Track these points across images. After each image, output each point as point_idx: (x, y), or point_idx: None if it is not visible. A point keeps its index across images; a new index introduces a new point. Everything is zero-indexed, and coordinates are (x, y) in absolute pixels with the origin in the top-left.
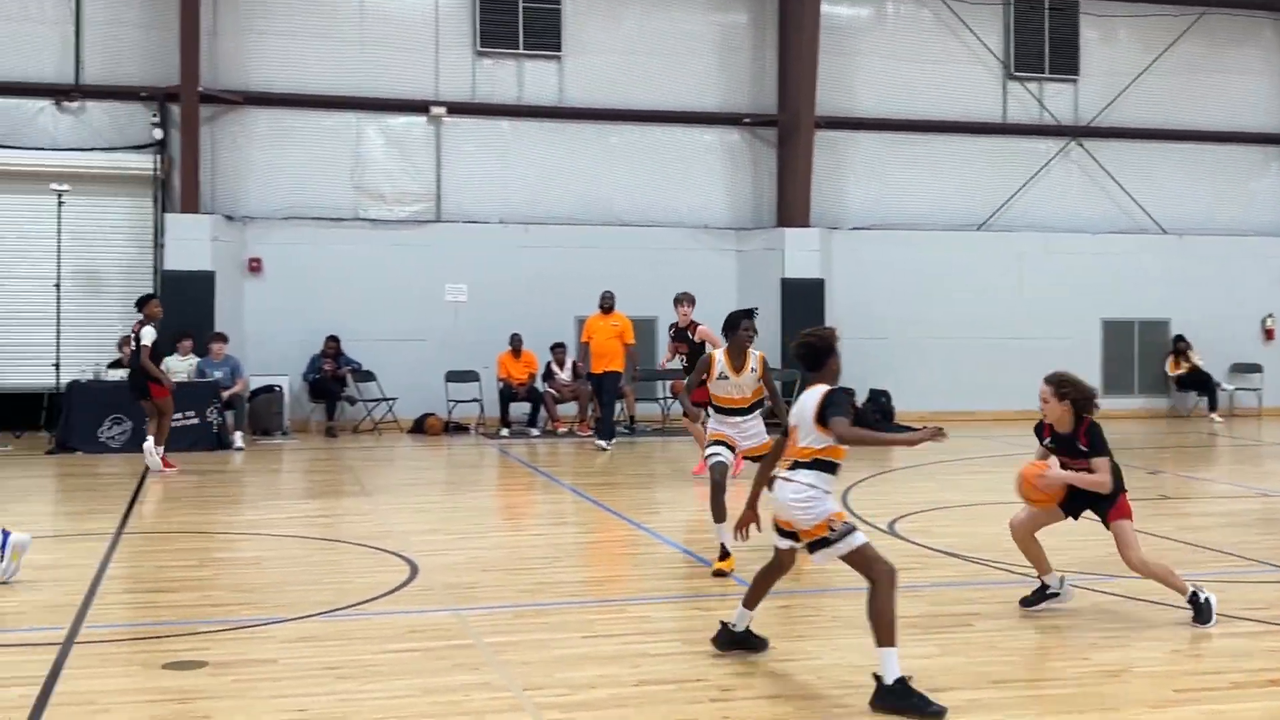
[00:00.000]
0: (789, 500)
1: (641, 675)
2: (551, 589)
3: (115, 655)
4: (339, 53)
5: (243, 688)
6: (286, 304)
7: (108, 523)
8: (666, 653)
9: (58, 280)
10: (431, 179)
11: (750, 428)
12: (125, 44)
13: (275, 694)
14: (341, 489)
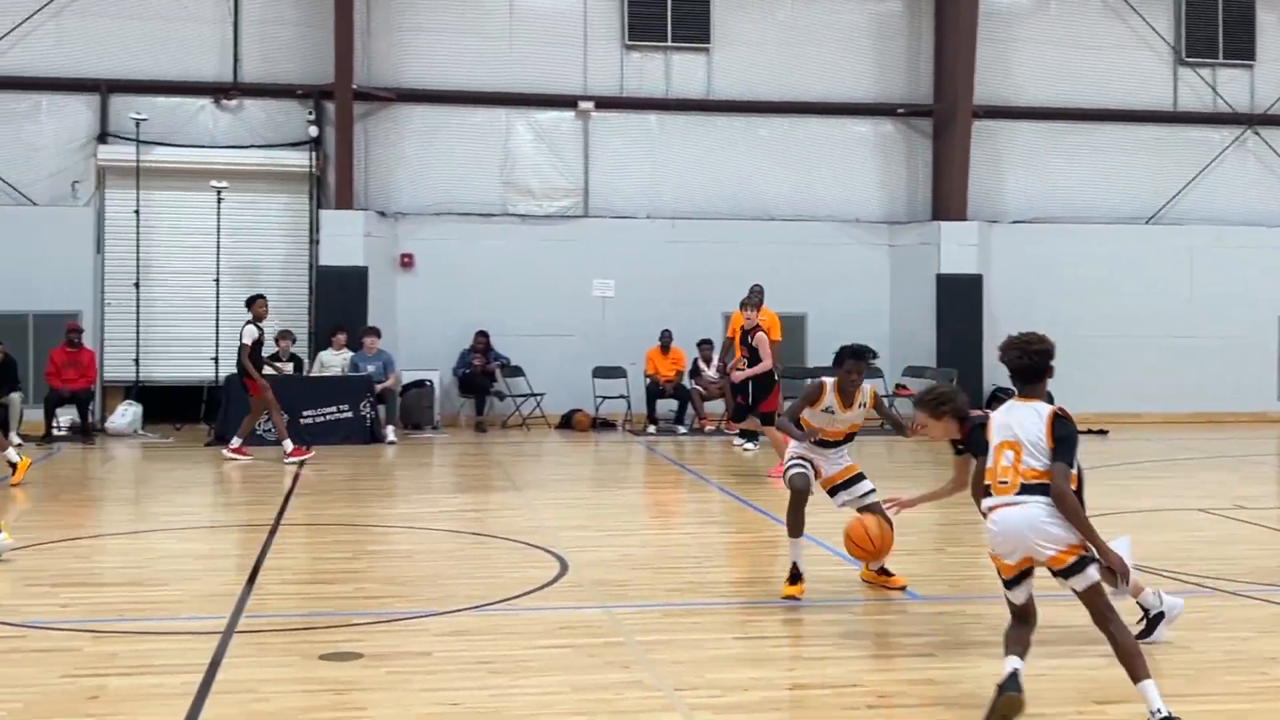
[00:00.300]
0: (1040, 523)
1: (795, 679)
2: (702, 588)
3: (273, 645)
4: (489, 49)
5: (397, 680)
6: (437, 299)
7: (264, 514)
8: (820, 656)
9: (217, 275)
10: (579, 174)
11: (839, 456)
12: (282, 43)
13: (429, 687)
14: (491, 484)
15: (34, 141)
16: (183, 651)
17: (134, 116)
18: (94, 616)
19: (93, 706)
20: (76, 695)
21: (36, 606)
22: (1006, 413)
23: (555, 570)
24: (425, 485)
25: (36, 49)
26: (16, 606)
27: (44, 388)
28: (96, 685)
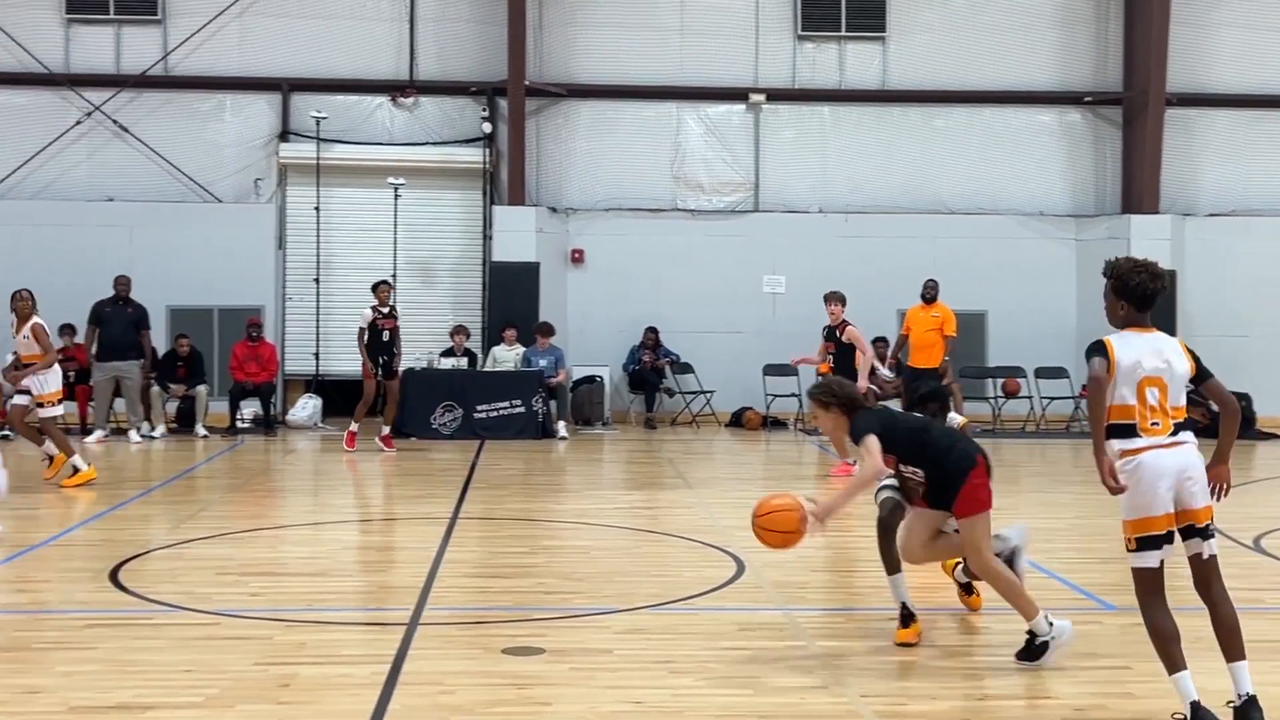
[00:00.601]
0: (1199, 468)
1: (985, 689)
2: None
3: (457, 638)
4: (659, 42)
5: (579, 676)
6: (607, 295)
7: (442, 507)
8: (1010, 667)
9: (394, 271)
10: (750, 168)
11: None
12: (456, 40)
13: (611, 684)
14: (662, 481)
15: (218, 140)
16: (369, 642)
17: (314, 115)
18: (282, 606)
19: (285, 694)
20: (269, 683)
21: (227, 595)
22: (1139, 345)
23: (732, 570)
24: (597, 481)
25: (221, 49)
26: (209, 595)
27: (228, 381)
28: (288, 673)
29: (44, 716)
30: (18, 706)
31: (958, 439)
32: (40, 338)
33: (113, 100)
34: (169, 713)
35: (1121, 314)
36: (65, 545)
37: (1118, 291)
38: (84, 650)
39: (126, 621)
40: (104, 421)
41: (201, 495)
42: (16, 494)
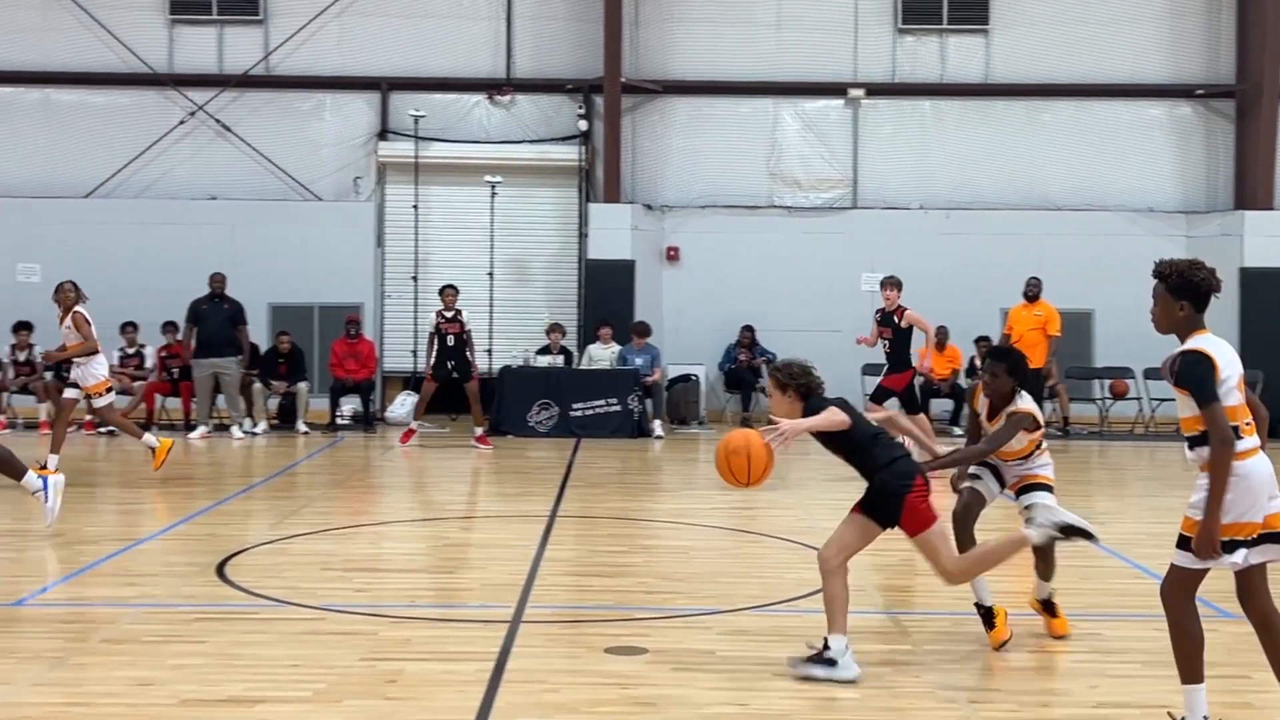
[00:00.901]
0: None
1: (1099, 696)
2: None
3: (559, 636)
4: (756, 37)
5: (683, 677)
6: (702, 293)
7: (540, 505)
8: (1125, 674)
9: (490, 269)
10: (848, 164)
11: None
12: (552, 38)
13: (715, 686)
14: None
15: (318, 139)
16: (473, 639)
17: (412, 113)
18: (386, 601)
19: (392, 690)
20: (375, 678)
21: (332, 591)
22: (1221, 346)
23: None
24: (693, 481)
25: (321, 49)
26: (314, 590)
27: (328, 378)
28: (394, 669)
29: (156, 709)
30: (131, 699)
31: (898, 455)
32: (81, 326)
33: (215, 100)
34: (278, 707)
35: (1181, 314)
36: (171, 539)
37: (1179, 290)
38: (193, 644)
39: (234, 615)
40: (206, 417)
41: (303, 491)
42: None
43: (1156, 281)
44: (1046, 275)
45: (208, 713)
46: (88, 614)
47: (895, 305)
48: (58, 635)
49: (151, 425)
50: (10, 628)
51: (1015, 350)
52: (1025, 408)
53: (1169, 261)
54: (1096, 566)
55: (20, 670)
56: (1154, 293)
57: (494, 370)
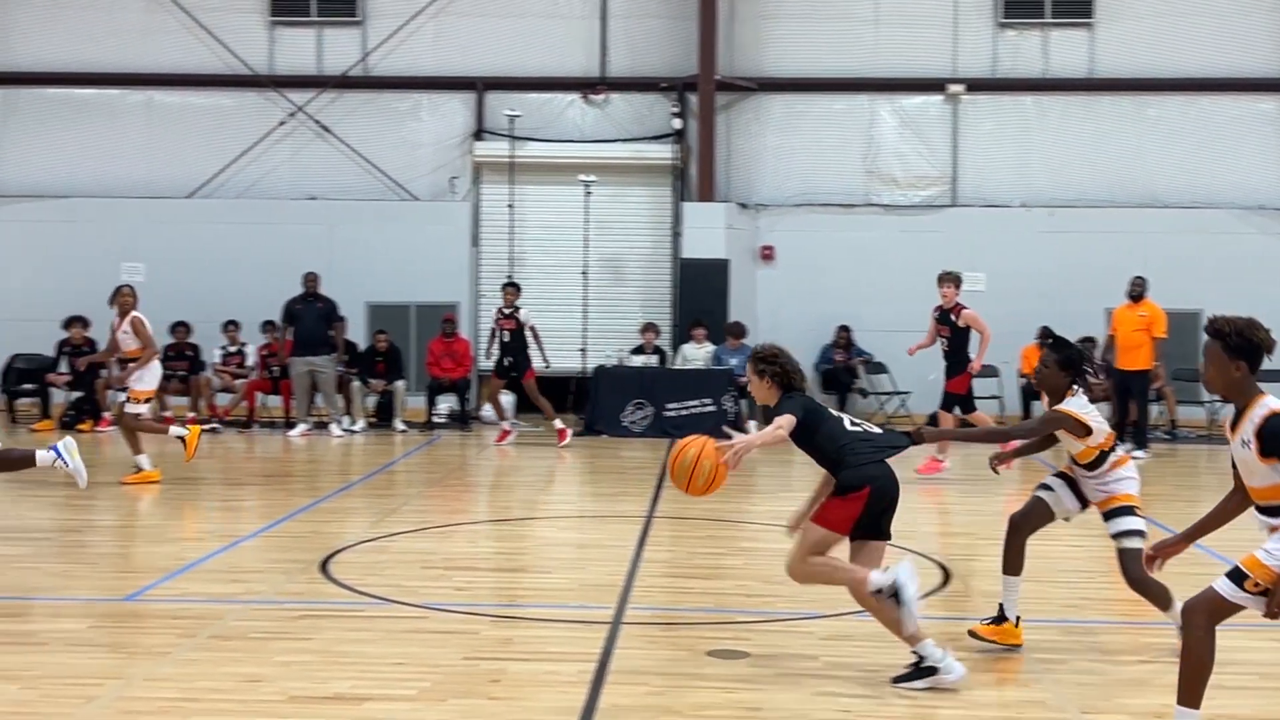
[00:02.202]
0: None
1: (1213, 709)
2: (1097, 605)
3: (660, 638)
4: (852, 33)
5: (786, 681)
6: (798, 292)
7: (636, 505)
8: (1240, 685)
9: (584, 268)
10: (947, 161)
11: (1102, 481)
12: (647, 36)
13: (819, 691)
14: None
15: (415, 139)
16: (574, 640)
17: (508, 113)
18: (487, 601)
19: (495, 689)
20: (479, 678)
21: (433, 589)
22: None
23: (938, 578)
24: (789, 482)
25: (417, 50)
26: (415, 588)
27: (425, 376)
28: (497, 669)
29: (265, 705)
30: (240, 695)
31: (867, 461)
32: (140, 331)
33: (314, 101)
34: (383, 705)
35: (1237, 375)
36: (274, 537)
37: (1238, 350)
38: (300, 640)
39: (338, 613)
40: (305, 415)
41: (401, 489)
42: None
43: (1210, 340)
44: (1152, 274)
45: (315, 709)
46: (194, 610)
47: (953, 303)
48: (166, 631)
49: (252, 423)
50: (120, 623)
51: (1072, 345)
52: (1065, 408)
53: (1227, 319)
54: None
55: (131, 665)
56: (1207, 351)
57: (588, 369)
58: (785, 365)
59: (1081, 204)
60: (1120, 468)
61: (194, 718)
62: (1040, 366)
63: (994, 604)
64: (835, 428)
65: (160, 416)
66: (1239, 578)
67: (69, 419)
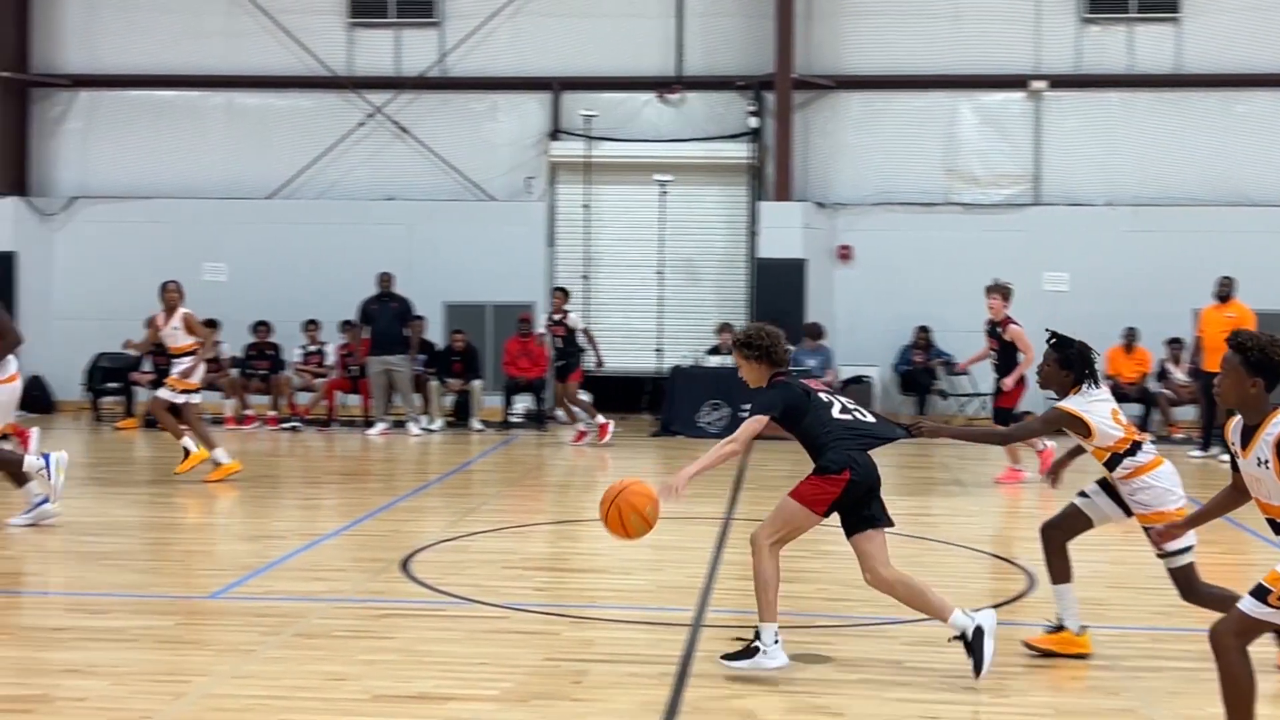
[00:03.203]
0: None
1: None
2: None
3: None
4: (932, 29)
5: (872, 687)
6: (876, 293)
7: (714, 507)
8: None
9: (660, 268)
10: (1029, 159)
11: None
12: (723, 35)
13: (905, 697)
14: (937, 486)
15: (492, 139)
16: (655, 642)
17: (584, 113)
18: (567, 601)
19: (577, 691)
20: (561, 678)
21: (513, 589)
22: None
23: (1023, 584)
24: None
25: (494, 50)
26: (496, 588)
27: (501, 376)
28: (579, 670)
29: (349, 703)
30: (325, 693)
31: (851, 447)
32: (196, 327)
33: (392, 102)
34: (467, 704)
35: (1253, 391)
36: (355, 535)
37: (1257, 367)
38: (382, 639)
39: (420, 612)
40: (383, 414)
41: (479, 489)
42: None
43: (1231, 352)
44: (1240, 274)
45: (399, 708)
46: (279, 608)
47: (1001, 315)
48: (251, 629)
49: (331, 422)
50: (206, 620)
51: (1075, 342)
52: (1063, 404)
53: (1251, 334)
54: None
55: (218, 662)
56: (1225, 362)
57: (664, 370)
58: (766, 343)
59: (1167, 202)
60: (1146, 474)
61: (280, 715)
62: (1043, 365)
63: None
64: (821, 415)
65: (242, 415)
66: (1263, 594)
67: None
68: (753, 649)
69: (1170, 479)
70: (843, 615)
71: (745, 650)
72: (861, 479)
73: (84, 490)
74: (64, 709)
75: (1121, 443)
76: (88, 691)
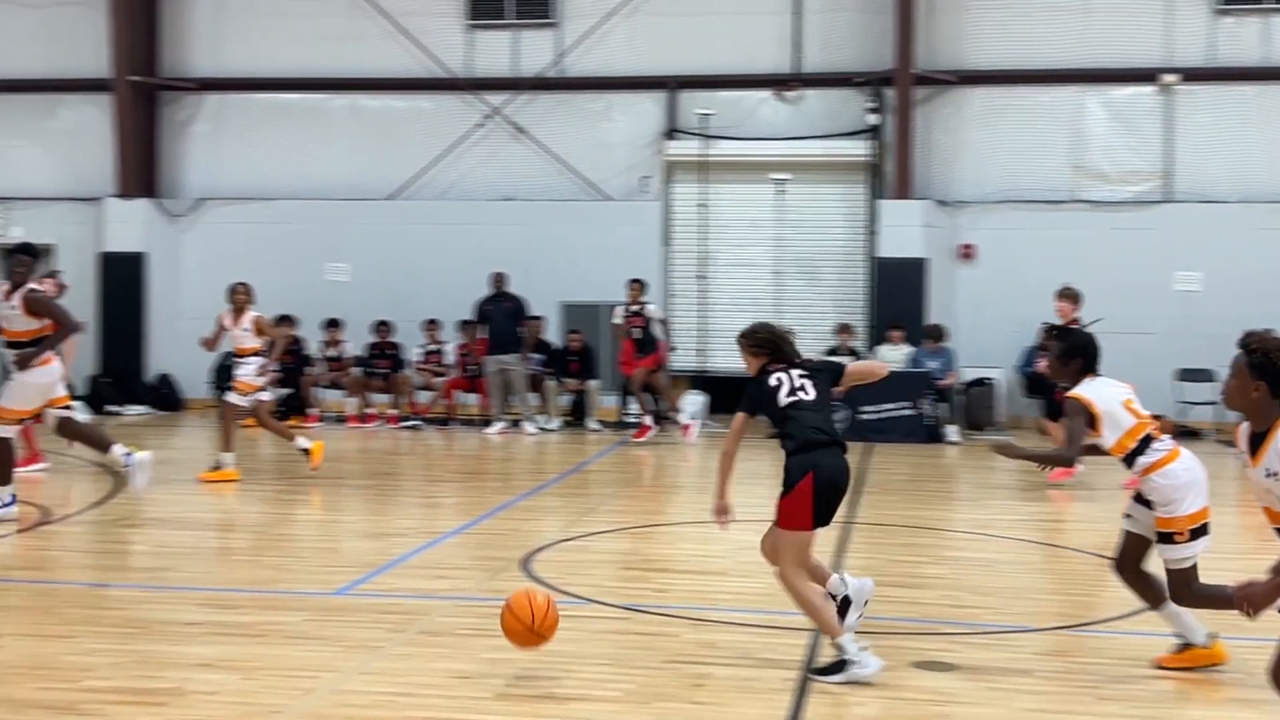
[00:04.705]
0: None
1: None
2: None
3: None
4: (1058, 22)
5: (998, 696)
6: (999, 292)
7: None
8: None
9: (776, 268)
10: (1160, 155)
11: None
12: (841, 30)
13: (1033, 707)
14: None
15: (608, 139)
16: (777, 646)
17: (700, 112)
18: (688, 603)
19: (699, 694)
20: (682, 681)
21: (633, 590)
22: None
23: None
24: (991, 489)
25: (610, 50)
26: (616, 589)
27: (617, 376)
28: (700, 673)
29: (474, 702)
30: (450, 691)
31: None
32: (267, 329)
33: (510, 102)
34: (590, 705)
35: (1255, 395)
36: (475, 534)
37: (1260, 370)
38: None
39: None
40: (500, 414)
41: (597, 489)
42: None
43: (1240, 353)
44: None
45: (523, 707)
46: (403, 605)
47: (1070, 318)
48: (376, 625)
49: (451, 421)
50: (332, 616)
51: (1074, 330)
52: (1076, 393)
53: (1259, 336)
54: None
55: (345, 659)
56: (1233, 364)
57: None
58: (764, 337)
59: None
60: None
61: (407, 712)
62: (1050, 359)
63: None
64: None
65: (364, 413)
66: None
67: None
68: (842, 662)
69: (1182, 476)
70: (968, 622)
71: (836, 664)
72: (824, 477)
73: (210, 487)
74: (196, 702)
75: (1131, 435)
76: (219, 685)
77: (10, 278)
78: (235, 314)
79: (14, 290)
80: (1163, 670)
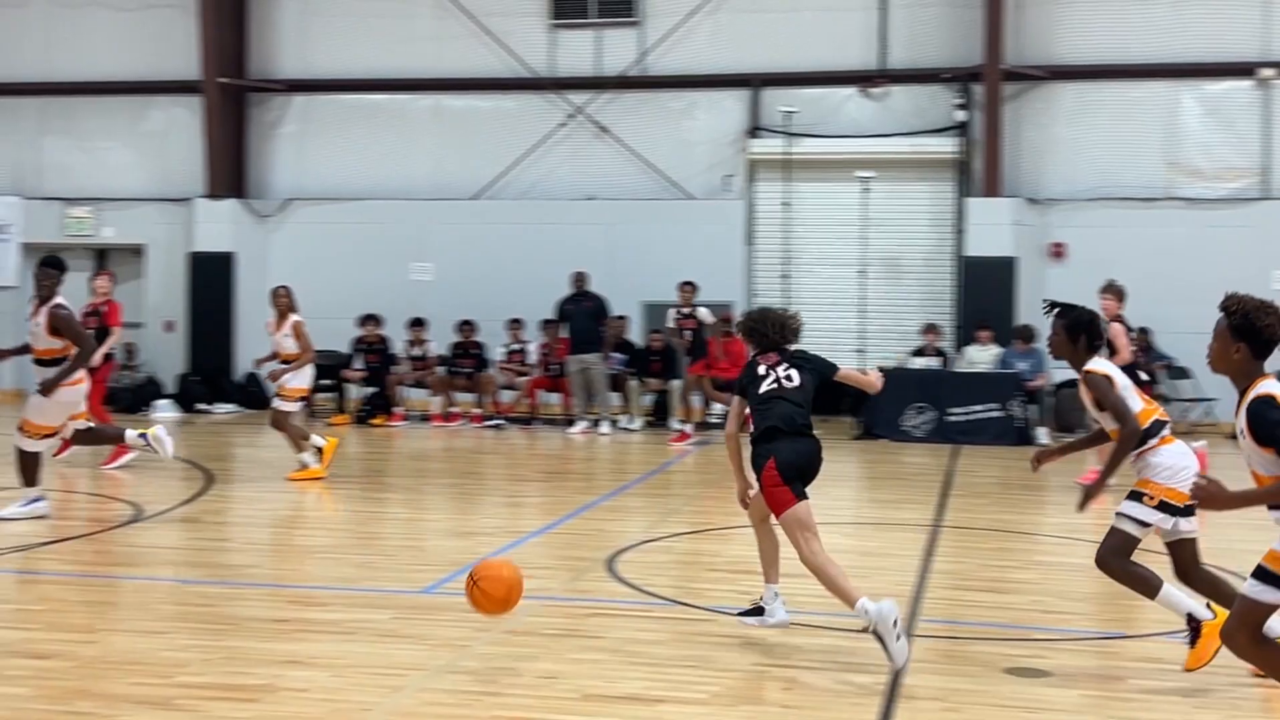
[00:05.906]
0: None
1: None
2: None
3: (954, 653)
4: (1151, 15)
5: (1092, 703)
6: (1091, 292)
7: (920, 513)
8: None
9: (862, 266)
10: (1257, 151)
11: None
12: (928, 26)
13: (1129, 715)
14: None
15: (690, 138)
16: (864, 650)
17: (784, 109)
18: None
19: (787, 698)
20: (769, 685)
21: (719, 592)
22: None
23: None
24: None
25: (693, 48)
26: (701, 590)
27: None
28: (788, 677)
29: (561, 702)
30: (538, 691)
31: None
32: (301, 335)
33: (593, 101)
34: (677, 708)
35: (1237, 357)
36: (559, 534)
37: (1240, 331)
38: (591, 639)
39: (627, 612)
40: (583, 413)
41: (679, 489)
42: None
43: (1221, 316)
44: None
45: (610, 709)
46: None
47: (1114, 315)
48: (463, 624)
49: (534, 420)
50: (419, 614)
51: (1075, 307)
52: (1092, 367)
53: (1239, 298)
54: None
55: (432, 657)
56: (1215, 327)
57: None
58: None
59: None
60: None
61: (494, 711)
62: (1051, 336)
63: None
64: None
65: (448, 412)
66: (1266, 576)
67: (363, 413)
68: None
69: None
70: (1061, 629)
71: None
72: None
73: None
74: (287, 699)
75: (1143, 417)
76: (309, 682)
77: (38, 292)
78: (279, 319)
79: (41, 305)
80: (1258, 679)
